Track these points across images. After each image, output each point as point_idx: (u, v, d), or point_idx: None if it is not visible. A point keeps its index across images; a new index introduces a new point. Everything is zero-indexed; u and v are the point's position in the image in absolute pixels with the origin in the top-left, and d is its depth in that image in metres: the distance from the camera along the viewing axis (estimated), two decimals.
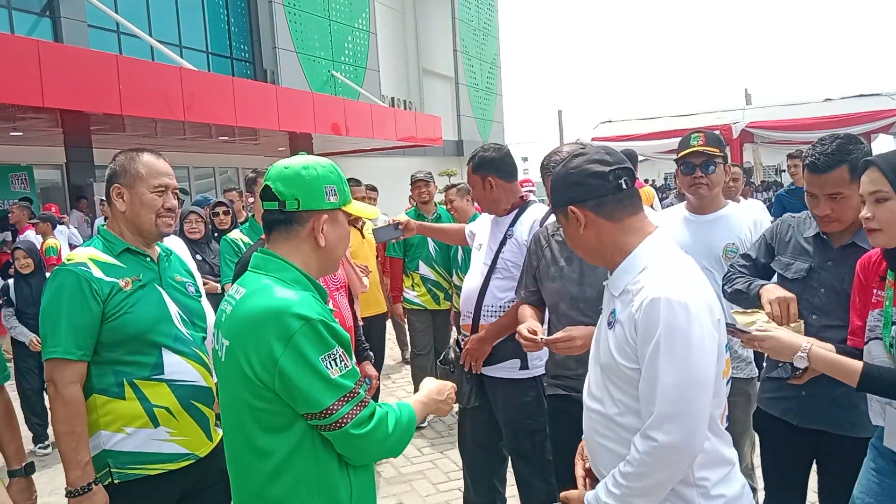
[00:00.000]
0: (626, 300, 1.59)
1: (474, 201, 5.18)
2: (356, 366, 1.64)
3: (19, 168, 13.10)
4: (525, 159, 29.20)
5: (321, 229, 1.65)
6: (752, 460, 3.02)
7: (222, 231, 5.38)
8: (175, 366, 2.14)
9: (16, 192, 12.63)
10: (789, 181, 7.46)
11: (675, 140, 3.06)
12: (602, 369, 1.66)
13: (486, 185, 3.03)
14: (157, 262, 2.25)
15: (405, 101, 24.21)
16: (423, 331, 5.52)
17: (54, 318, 2.02)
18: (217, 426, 2.22)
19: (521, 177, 3.34)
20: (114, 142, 12.90)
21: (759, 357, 2.92)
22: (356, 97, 18.91)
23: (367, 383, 1.63)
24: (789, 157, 7.31)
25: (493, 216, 3.14)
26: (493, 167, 3.02)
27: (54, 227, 6.79)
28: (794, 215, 2.55)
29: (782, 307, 2.15)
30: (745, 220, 2.88)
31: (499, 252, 3.01)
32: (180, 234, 5.69)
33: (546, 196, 1.90)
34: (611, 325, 1.63)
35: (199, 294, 2.41)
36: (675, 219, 2.97)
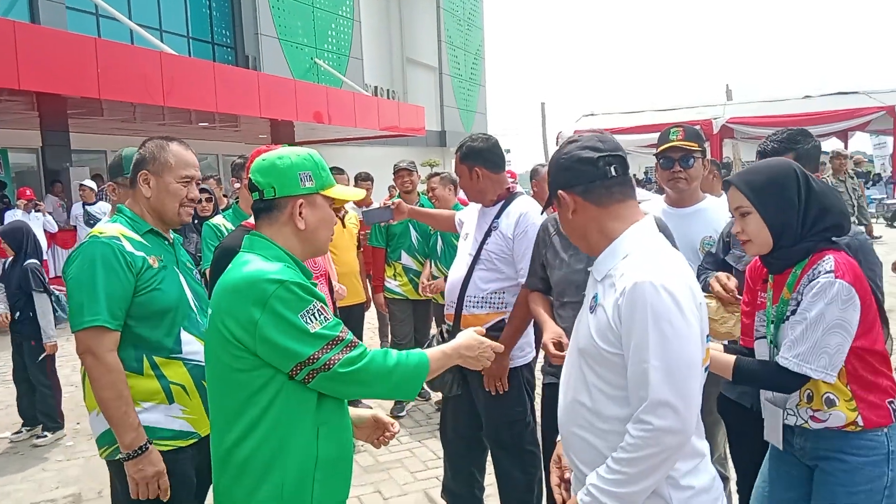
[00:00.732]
0: (607, 284, 1.61)
1: (459, 191, 5.18)
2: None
3: None
4: (508, 151, 29.18)
5: (298, 213, 1.74)
6: (724, 450, 3.07)
7: (203, 218, 5.33)
8: (190, 345, 2.21)
9: None
10: None
11: (656, 134, 3.08)
12: (580, 353, 1.66)
13: (472, 176, 3.03)
14: (172, 246, 2.34)
15: (388, 90, 24.10)
16: (404, 320, 5.51)
17: (90, 287, 2.05)
18: None
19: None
20: (91, 126, 12.72)
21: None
22: (339, 85, 18.79)
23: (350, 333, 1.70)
24: (758, 155, 7.38)
25: (481, 206, 3.14)
26: (480, 158, 3.02)
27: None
28: None
29: (721, 281, 2.29)
30: (723, 213, 2.91)
31: (483, 243, 3.01)
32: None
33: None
34: (592, 309, 1.64)
35: (200, 281, 2.47)
36: (653, 212, 2.99)
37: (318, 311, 1.64)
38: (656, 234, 1.69)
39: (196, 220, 5.43)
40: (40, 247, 5.36)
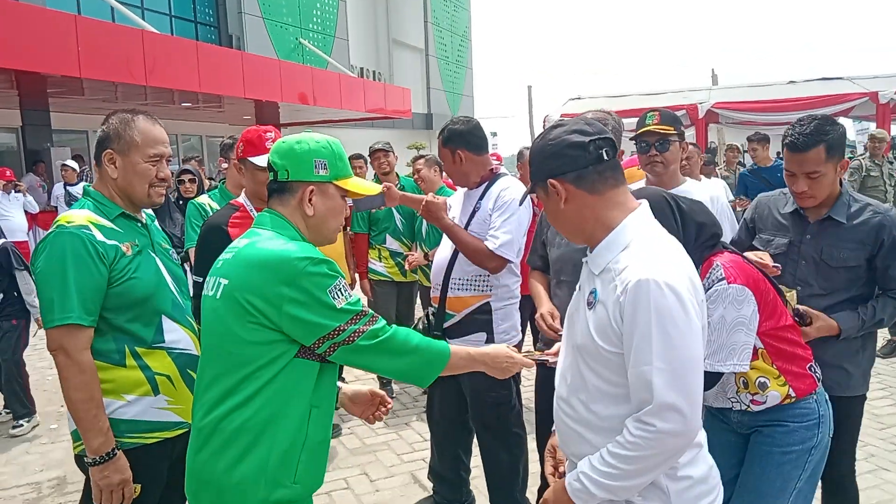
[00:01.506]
0: (606, 279, 1.54)
1: (444, 174, 5.16)
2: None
3: None
4: (494, 134, 29.14)
5: (308, 199, 1.75)
6: None
7: (187, 199, 5.27)
8: (173, 333, 2.12)
9: None
10: (752, 162, 7.59)
11: None
12: (577, 350, 1.60)
13: (455, 159, 3.03)
14: (146, 228, 2.21)
15: (374, 71, 23.92)
16: (386, 302, 5.45)
17: (61, 282, 1.93)
18: None
19: (490, 151, 3.33)
20: (72, 105, 12.51)
21: None
22: (324, 66, 18.61)
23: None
24: (749, 140, 7.42)
25: (465, 189, 3.14)
26: (462, 140, 3.01)
27: None
28: (768, 194, 2.69)
29: (759, 256, 2.38)
30: (702, 196, 2.94)
31: (467, 225, 3.01)
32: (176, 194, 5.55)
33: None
34: (591, 305, 1.57)
35: (178, 262, 2.37)
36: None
37: (343, 287, 1.68)
38: (654, 222, 1.63)
39: (182, 202, 5.37)
40: (1, 229, 5.28)
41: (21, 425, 4.80)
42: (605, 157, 1.57)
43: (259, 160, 2.48)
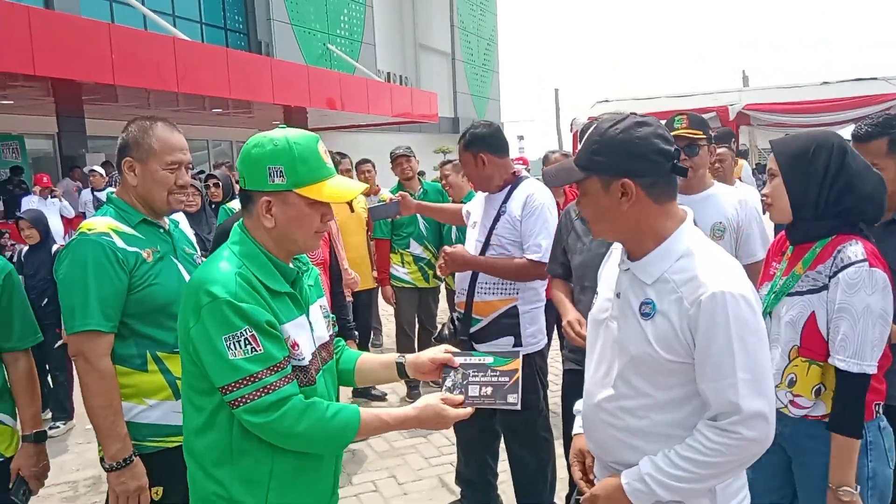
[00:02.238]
0: (665, 290, 1.51)
1: (467, 179, 5.15)
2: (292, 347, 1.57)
3: (10, 137, 12.98)
4: (521, 138, 29.10)
5: (264, 210, 1.57)
6: None
7: (217, 203, 5.34)
8: None
9: (7, 161, 12.54)
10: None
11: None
12: (632, 360, 1.55)
13: (478, 162, 3.03)
14: (169, 234, 2.22)
15: (401, 76, 24.02)
16: (409, 309, 5.42)
17: (82, 289, 1.96)
18: None
19: (517, 155, 3.33)
20: (106, 112, 12.77)
21: None
22: (352, 71, 18.75)
23: (285, 370, 1.53)
24: (854, 139, 7.23)
25: (486, 194, 3.13)
26: (484, 143, 3.02)
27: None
28: None
29: None
30: (732, 199, 2.92)
31: (492, 229, 3.01)
32: None
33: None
34: (648, 315, 1.53)
35: None
36: None
37: (246, 338, 1.48)
38: (702, 233, 1.62)
39: (213, 206, 5.44)
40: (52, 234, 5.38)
41: (57, 426, 4.92)
42: (679, 170, 1.55)
43: None
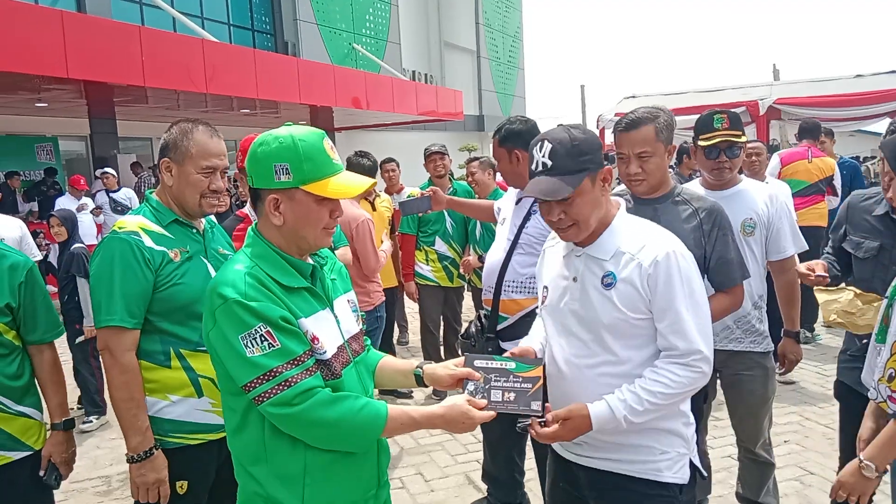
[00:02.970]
0: (623, 260, 1.78)
1: (497, 174, 5.14)
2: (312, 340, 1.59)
3: (45, 139, 13.26)
4: None
5: (271, 208, 1.60)
6: (769, 435, 3.02)
7: (244, 202, 5.39)
8: None
9: (42, 163, 12.81)
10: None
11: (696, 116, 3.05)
12: (605, 330, 1.79)
13: (512, 159, 3.01)
14: (202, 234, 2.25)
15: (426, 74, 24.02)
16: (434, 307, 5.41)
17: (108, 285, 2.01)
18: None
19: None
20: (137, 114, 13.00)
21: (774, 332, 2.95)
22: (377, 70, 18.80)
23: (306, 363, 1.54)
24: (882, 147, 7.09)
25: (518, 191, 3.12)
26: (520, 140, 2.99)
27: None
28: (861, 193, 2.60)
29: (808, 267, 2.44)
30: (761, 194, 2.90)
31: (522, 227, 2.99)
32: None
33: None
34: (610, 285, 1.78)
35: None
36: (697, 190, 2.96)
37: (261, 335, 1.51)
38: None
39: (242, 204, 5.50)
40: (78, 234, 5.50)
41: (90, 421, 5.03)
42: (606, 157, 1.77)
43: None
